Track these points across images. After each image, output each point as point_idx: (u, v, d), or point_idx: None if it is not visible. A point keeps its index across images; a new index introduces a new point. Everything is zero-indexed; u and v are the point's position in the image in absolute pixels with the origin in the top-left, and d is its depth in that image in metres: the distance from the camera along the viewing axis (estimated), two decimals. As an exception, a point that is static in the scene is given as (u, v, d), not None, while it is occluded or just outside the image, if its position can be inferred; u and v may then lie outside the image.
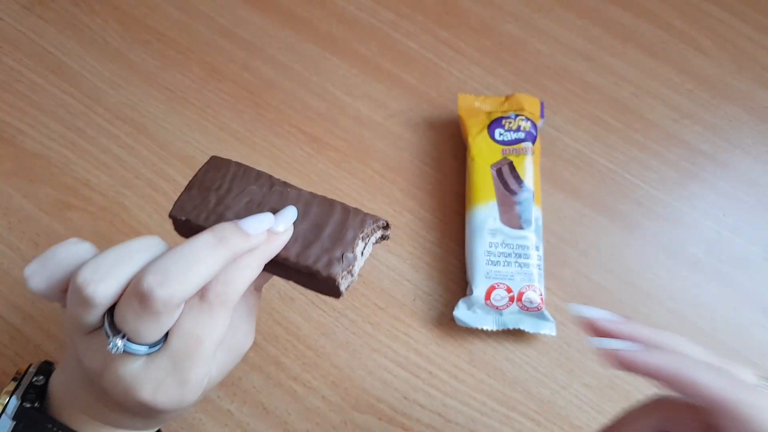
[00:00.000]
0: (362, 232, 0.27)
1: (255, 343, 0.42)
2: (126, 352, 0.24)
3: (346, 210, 0.28)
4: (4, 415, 0.27)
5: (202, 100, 0.51)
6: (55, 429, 0.27)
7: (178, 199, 0.29)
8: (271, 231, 0.26)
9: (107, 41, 0.53)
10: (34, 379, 0.29)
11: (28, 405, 0.27)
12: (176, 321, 0.24)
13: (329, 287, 0.26)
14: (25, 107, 0.50)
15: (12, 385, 0.28)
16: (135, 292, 0.23)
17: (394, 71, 0.53)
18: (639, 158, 0.51)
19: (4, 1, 0.54)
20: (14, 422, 0.27)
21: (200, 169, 0.30)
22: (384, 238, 0.29)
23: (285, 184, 0.29)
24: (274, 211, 0.27)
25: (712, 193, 0.50)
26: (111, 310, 0.24)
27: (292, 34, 0.54)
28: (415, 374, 0.43)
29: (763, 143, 0.53)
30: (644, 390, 0.43)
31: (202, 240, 0.24)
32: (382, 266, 0.46)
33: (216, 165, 0.30)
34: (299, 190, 0.28)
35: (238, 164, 0.29)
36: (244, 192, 0.28)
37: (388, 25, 0.55)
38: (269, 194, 0.28)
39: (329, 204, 0.28)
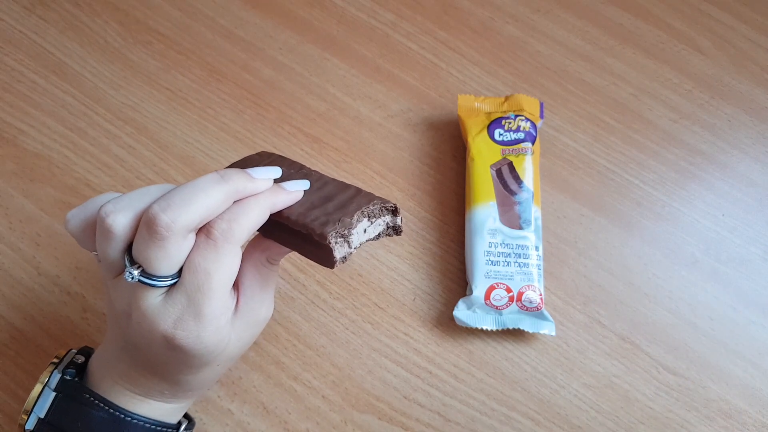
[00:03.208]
0: (366, 207, 0.28)
1: (255, 343, 0.42)
2: (146, 286, 0.26)
3: (359, 190, 0.29)
4: (47, 388, 0.30)
5: (202, 101, 0.51)
6: (91, 399, 0.29)
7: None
8: (279, 186, 0.28)
9: (108, 42, 0.53)
10: (75, 357, 0.32)
11: (69, 378, 0.30)
12: (188, 258, 0.26)
13: (324, 252, 0.27)
14: (26, 108, 0.50)
15: (53, 366, 0.31)
16: (144, 221, 0.25)
17: (394, 72, 0.54)
18: (638, 158, 0.51)
19: (5, 1, 0.54)
20: (56, 393, 0.30)
21: (246, 156, 0.33)
22: (396, 231, 0.29)
23: (313, 170, 0.31)
24: None
25: (710, 193, 0.50)
26: (131, 248, 0.26)
27: (292, 35, 0.55)
28: (414, 374, 0.43)
29: (762, 144, 0.53)
30: (644, 390, 0.43)
31: (207, 176, 0.26)
32: (382, 266, 0.46)
33: (261, 154, 0.32)
34: (323, 174, 0.30)
35: (281, 155, 0.32)
36: None
37: (387, 26, 0.56)
38: (295, 174, 0.30)
39: (345, 185, 0.29)
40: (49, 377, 0.30)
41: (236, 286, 0.30)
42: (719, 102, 0.54)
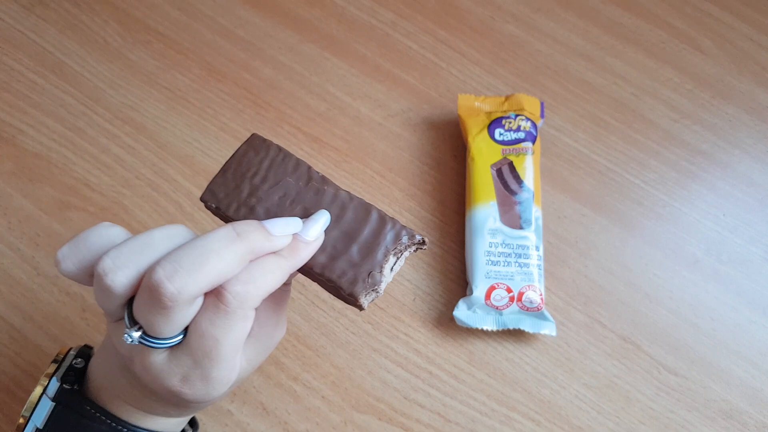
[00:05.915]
0: (395, 248, 0.26)
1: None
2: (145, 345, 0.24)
3: (383, 219, 0.26)
4: (44, 396, 0.28)
5: (202, 101, 0.51)
6: (93, 411, 0.28)
7: (211, 182, 0.28)
8: (300, 239, 0.25)
9: (107, 41, 0.53)
10: (74, 361, 0.30)
11: (68, 387, 0.28)
12: (195, 318, 0.23)
13: (352, 301, 0.26)
14: (26, 107, 0.50)
15: (52, 367, 0.29)
16: (146, 285, 0.22)
17: (394, 71, 0.54)
18: (639, 158, 0.51)
19: (5, 1, 0.54)
20: (54, 403, 0.28)
21: (239, 149, 0.28)
22: (420, 247, 0.27)
23: (324, 179, 0.28)
24: (307, 212, 0.26)
25: (711, 193, 0.50)
26: (132, 302, 0.24)
27: (292, 34, 0.54)
28: (415, 374, 0.43)
29: (763, 143, 0.53)
30: (645, 390, 0.43)
31: (220, 233, 0.23)
32: (382, 266, 0.46)
33: (256, 146, 0.28)
34: (337, 189, 0.27)
35: (279, 148, 0.28)
36: (279, 184, 0.27)
37: (388, 25, 0.56)
38: (304, 190, 0.27)
39: (365, 210, 0.27)
40: (48, 384, 0.29)
41: None
42: (720, 101, 0.54)
